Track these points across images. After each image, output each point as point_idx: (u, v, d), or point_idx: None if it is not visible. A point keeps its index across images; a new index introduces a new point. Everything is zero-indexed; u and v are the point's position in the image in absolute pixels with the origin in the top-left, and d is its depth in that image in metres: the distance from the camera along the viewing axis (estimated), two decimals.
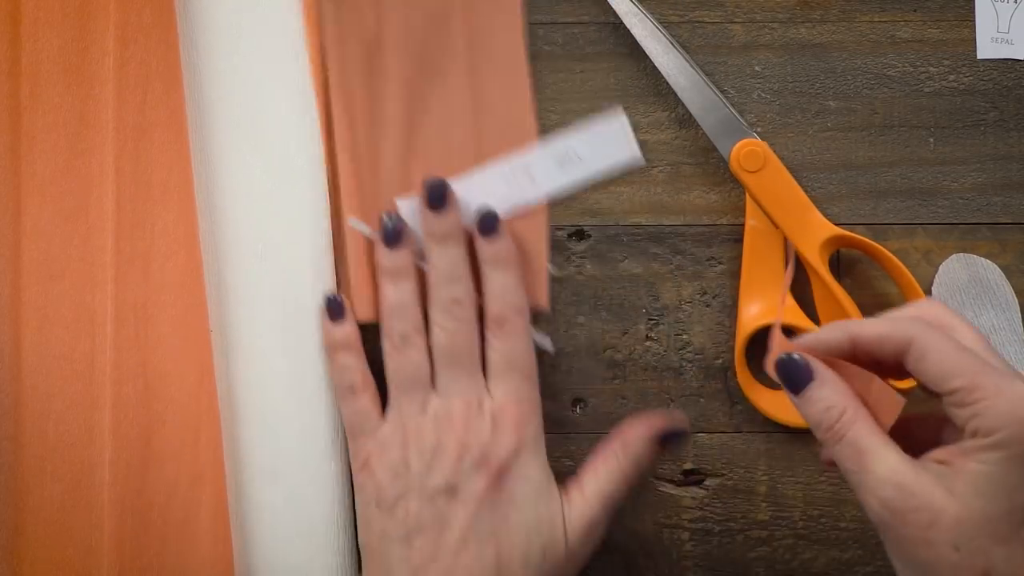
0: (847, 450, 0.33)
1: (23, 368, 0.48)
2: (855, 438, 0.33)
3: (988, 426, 0.31)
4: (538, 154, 0.51)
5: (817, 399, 0.34)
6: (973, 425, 0.31)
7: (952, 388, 0.32)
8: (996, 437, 0.31)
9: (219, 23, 0.51)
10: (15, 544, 0.48)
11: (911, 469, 0.32)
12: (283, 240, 0.51)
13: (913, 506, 0.31)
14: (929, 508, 0.31)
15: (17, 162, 0.49)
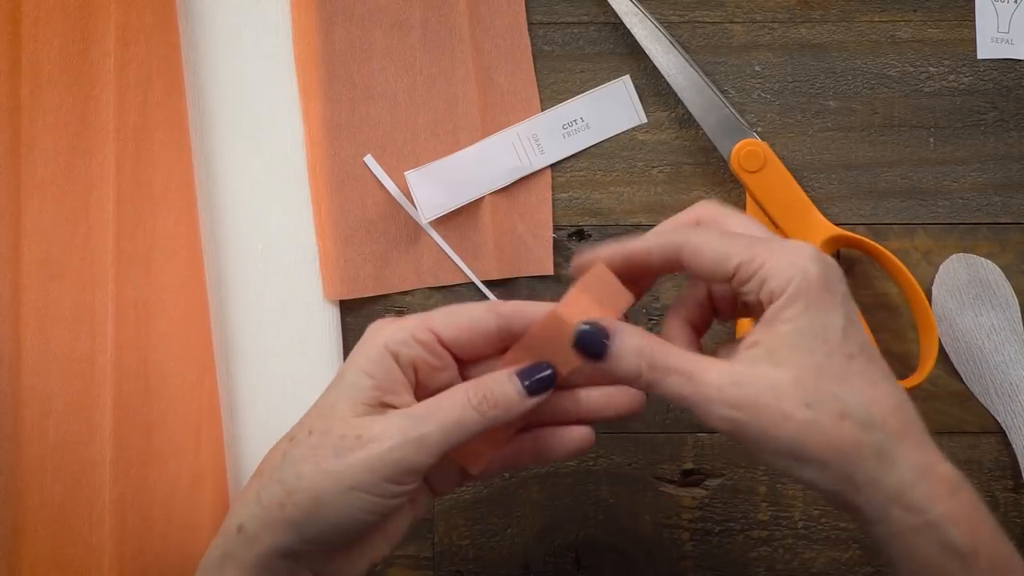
0: (676, 379, 0.33)
1: (23, 368, 0.48)
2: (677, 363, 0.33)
3: (778, 284, 0.32)
4: (544, 123, 0.51)
5: (624, 349, 0.33)
6: (766, 291, 0.32)
7: (733, 267, 0.33)
8: (789, 291, 0.32)
9: (220, 25, 0.51)
10: (15, 544, 0.48)
11: (735, 365, 0.33)
12: (283, 240, 0.51)
13: (755, 391, 0.32)
14: (768, 384, 0.31)
15: (17, 162, 0.49)
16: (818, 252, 0.33)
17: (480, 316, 0.35)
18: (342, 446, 0.33)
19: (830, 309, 0.32)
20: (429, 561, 0.51)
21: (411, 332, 0.35)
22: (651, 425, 0.51)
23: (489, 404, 0.34)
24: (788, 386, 0.31)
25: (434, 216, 0.50)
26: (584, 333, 0.34)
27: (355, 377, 0.34)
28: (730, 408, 0.32)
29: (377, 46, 0.51)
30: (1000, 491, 0.50)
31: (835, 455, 0.31)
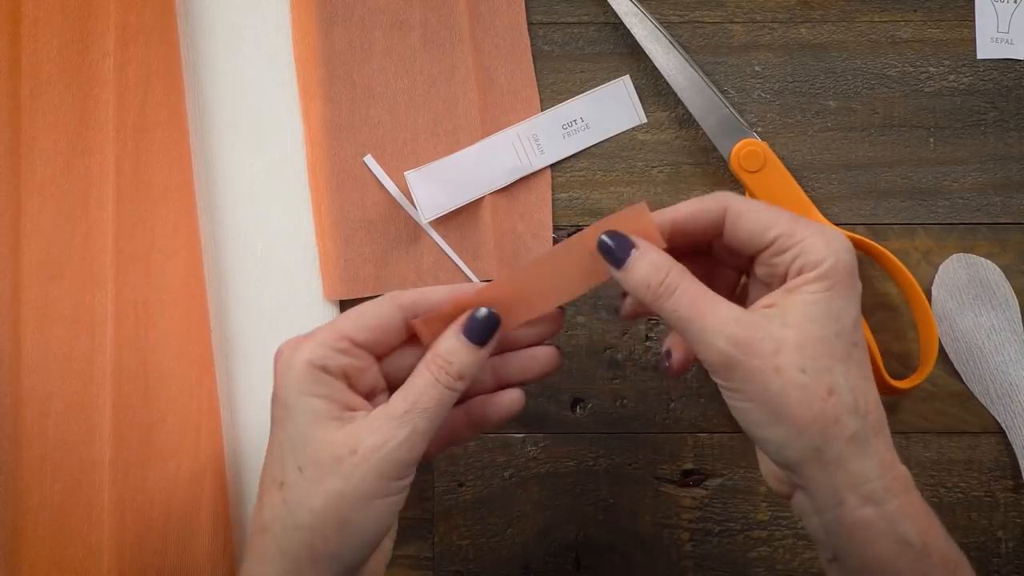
0: (682, 300, 0.33)
1: (23, 368, 0.48)
2: (688, 287, 0.34)
3: (813, 261, 0.33)
4: (544, 123, 0.51)
5: (644, 263, 0.34)
6: (798, 264, 0.33)
7: (772, 237, 0.34)
8: (820, 269, 0.33)
9: (220, 25, 0.51)
10: (15, 544, 0.48)
11: (745, 312, 0.33)
12: (283, 240, 0.51)
13: (758, 336, 0.32)
14: (772, 336, 0.32)
15: (17, 162, 0.49)
16: (850, 243, 0.34)
17: (385, 312, 0.36)
18: (342, 466, 0.33)
19: (850, 298, 0.33)
20: (429, 561, 0.51)
21: (328, 344, 0.35)
22: (651, 425, 0.51)
23: (453, 374, 0.35)
24: (790, 346, 0.32)
25: (434, 216, 0.50)
26: (611, 235, 0.35)
27: (305, 402, 0.34)
28: (727, 342, 0.32)
29: (377, 46, 0.51)
30: (1000, 491, 0.50)
31: (813, 423, 0.32)
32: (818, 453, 0.32)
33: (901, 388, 0.48)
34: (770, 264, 0.34)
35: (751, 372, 0.32)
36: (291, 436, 0.34)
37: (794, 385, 0.32)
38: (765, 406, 0.32)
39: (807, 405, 0.32)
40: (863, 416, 0.33)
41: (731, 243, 0.35)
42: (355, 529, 0.34)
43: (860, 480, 0.32)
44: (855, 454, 0.32)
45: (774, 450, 0.33)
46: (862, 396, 0.33)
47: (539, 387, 0.51)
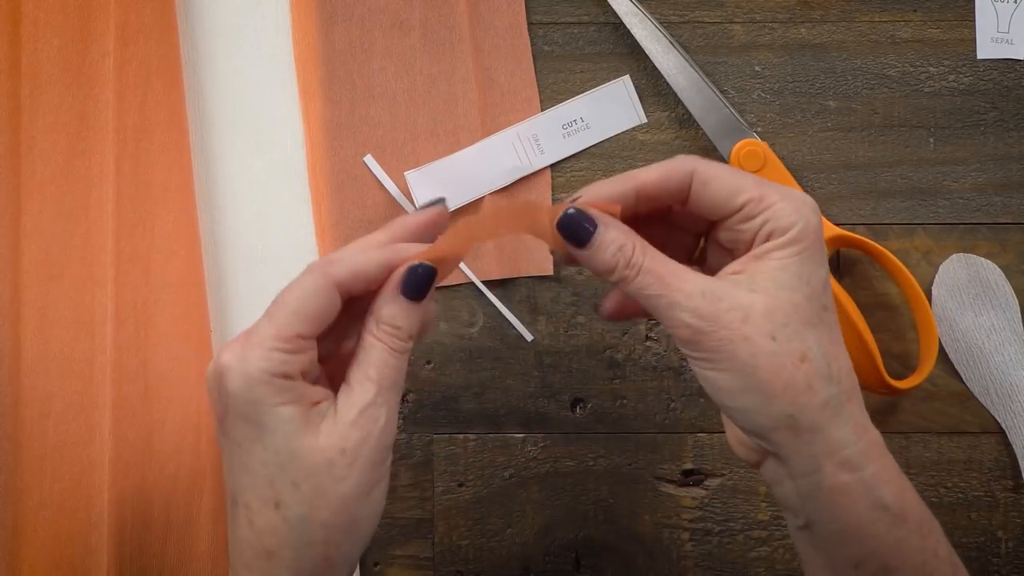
0: (648, 278, 0.33)
1: (23, 368, 0.48)
2: (652, 265, 0.33)
3: (781, 226, 0.33)
4: (544, 123, 0.51)
5: (607, 243, 0.33)
6: (766, 230, 0.33)
7: (741, 203, 0.33)
8: (790, 233, 0.32)
9: (220, 25, 0.51)
10: (15, 544, 0.48)
11: (712, 280, 0.33)
12: (283, 240, 0.51)
13: (724, 307, 0.32)
14: (740, 306, 0.32)
15: (17, 162, 0.49)
16: (816, 205, 0.34)
17: (325, 297, 0.33)
18: (337, 469, 0.33)
19: (819, 261, 0.33)
20: (429, 561, 0.51)
21: (281, 347, 0.33)
22: (651, 425, 0.51)
23: (403, 337, 0.34)
24: (759, 313, 0.32)
25: None
26: (571, 217, 0.34)
27: (277, 415, 0.32)
28: (693, 316, 0.32)
29: (377, 46, 0.51)
30: (1000, 491, 0.50)
31: (784, 391, 0.32)
32: (791, 420, 0.32)
33: (901, 388, 0.48)
34: (737, 230, 0.34)
35: (719, 342, 0.32)
36: (274, 452, 0.33)
37: (764, 353, 0.32)
38: (736, 375, 0.32)
39: (777, 373, 0.32)
40: (836, 382, 0.32)
41: (697, 208, 0.35)
42: (362, 524, 0.34)
43: (837, 446, 0.32)
44: (830, 420, 0.32)
45: (744, 419, 0.33)
46: (835, 361, 0.32)
47: (539, 387, 0.51)
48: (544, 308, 0.51)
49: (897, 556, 0.32)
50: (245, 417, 0.33)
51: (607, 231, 0.34)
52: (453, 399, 0.51)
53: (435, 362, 0.51)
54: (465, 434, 0.51)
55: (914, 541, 0.32)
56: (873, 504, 0.32)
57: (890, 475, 0.32)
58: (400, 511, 0.51)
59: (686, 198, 0.34)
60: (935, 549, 0.33)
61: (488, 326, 0.51)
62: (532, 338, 0.51)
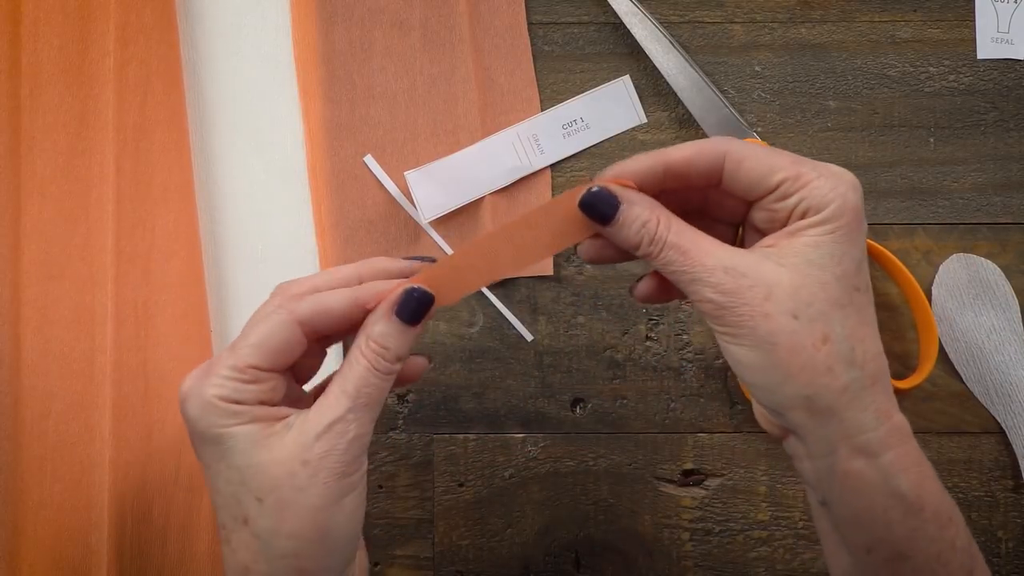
0: (672, 254, 0.33)
1: (23, 368, 0.48)
2: (677, 239, 0.33)
3: (817, 204, 0.32)
4: (544, 123, 0.51)
5: (632, 219, 0.33)
6: (802, 207, 0.32)
7: (777, 181, 0.32)
8: (826, 212, 0.32)
9: (220, 25, 0.51)
10: (15, 544, 0.48)
11: (738, 253, 0.33)
12: (283, 240, 0.51)
13: (747, 284, 0.31)
14: (763, 282, 0.31)
15: (17, 162, 0.49)
16: (857, 182, 0.33)
17: (286, 333, 0.34)
18: (298, 479, 0.32)
19: (855, 241, 0.32)
20: (429, 561, 0.51)
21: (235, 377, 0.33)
22: (651, 425, 0.51)
23: (391, 358, 0.34)
24: (783, 291, 0.31)
25: (434, 216, 0.50)
26: (595, 194, 0.34)
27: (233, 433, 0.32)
28: (716, 291, 0.32)
29: (377, 46, 0.51)
30: (1000, 491, 0.50)
31: (802, 372, 0.31)
32: (808, 402, 0.31)
33: (901, 388, 0.48)
34: (772, 209, 0.33)
35: (740, 318, 0.32)
36: (236, 469, 0.33)
37: (784, 332, 0.31)
38: (755, 351, 0.32)
39: (796, 353, 0.31)
40: (860, 366, 0.32)
41: (731, 189, 0.34)
42: (336, 534, 0.33)
43: (854, 431, 0.32)
44: (848, 404, 0.31)
45: (763, 395, 0.33)
46: (859, 344, 0.32)
47: (539, 387, 0.51)
48: (544, 308, 0.51)
49: (911, 545, 0.32)
50: (205, 439, 0.33)
51: (631, 208, 0.33)
52: (453, 399, 0.51)
53: (435, 362, 0.51)
54: (465, 434, 0.51)
55: (930, 531, 0.32)
56: (889, 492, 0.31)
57: (909, 463, 0.32)
58: (400, 511, 0.51)
59: (719, 180, 0.34)
60: (952, 540, 0.32)
61: (488, 326, 0.51)
62: (532, 338, 0.51)
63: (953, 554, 0.32)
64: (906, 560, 0.32)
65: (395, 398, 0.51)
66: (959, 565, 0.32)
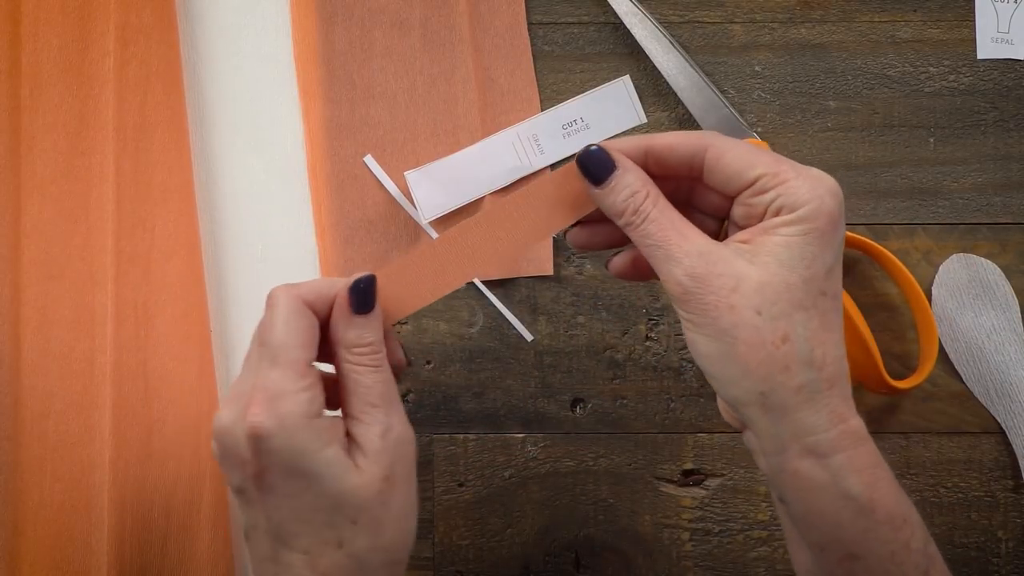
0: (652, 227, 0.33)
1: (23, 368, 0.48)
2: (659, 216, 0.33)
3: (792, 203, 0.32)
4: (544, 123, 0.51)
5: (622, 186, 0.34)
6: (777, 204, 0.32)
7: (755, 176, 0.33)
8: (800, 212, 0.32)
9: (220, 25, 0.51)
10: (15, 544, 0.48)
11: (714, 243, 0.33)
12: (283, 240, 0.51)
13: (717, 272, 0.32)
14: (732, 274, 0.32)
15: (17, 162, 0.49)
16: (839, 188, 0.33)
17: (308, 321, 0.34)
18: (385, 496, 0.34)
19: (827, 245, 0.32)
20: (429, 561, 0.51)
21: (303, 387, 0.34)
22: (651, 425, 0.51)
23: (378, 351, 0.35)
24: (750, 286, 0.32)
25: (434, 216, 0.50)
26: (594, 153, 0.34)
27: (322, 460, 0.33)
28: (686, 274, 0.32)
29: (377, 46, 0.51)
30: (1000, 491, 0.50)
31: (759, 367, 0.32)
32: (763, 398, 0.32)
33: (901, 388, 0.48)
34: (749, 204, 0.33)
35: (705, 306, 0.32)
36: (327, 496, 0.33)
37: (746, 325, 0.31)
38: (716, 342, 0.32)
39: (756, 348, 0.31)
40: (818, 368, 0.32)
41: (711, 182, 0.34)
42: (414, 531, 0.36)
43: (805, 431, 0.32)
44: (802, 405, 0.32)
45: (721, 387, 0.33)
46: (819, 347, 0.32)
47: (539, 387, 0.51)
48: (544, 308, 0.51)
49: (863, 545, 0.32)
50: (291, 470, 0.33)
51: (625, 175, 0.34)
52: (453, 399, 0.51)
53: (435, 362, 0.51)
54: (465, 434, 0.51)
55: (882, 532, 0.32)
56: (839, 493, 0.32)
57: (862, 465, 0.32)
58: None
59: (700, 171, 0.34)
60: (907, 541, 0.32)
61: (488, 326, 0.51)
62: (532, 338, 0.51)
63: (907, 555, 0.32)
64: (857, 560, 0.32)
65: None
66: (914, 565, 0.32)
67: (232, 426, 0.34)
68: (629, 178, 0.34)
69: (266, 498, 0.34)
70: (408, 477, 0.35)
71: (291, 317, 0.34)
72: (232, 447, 0.34)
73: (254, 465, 0.33)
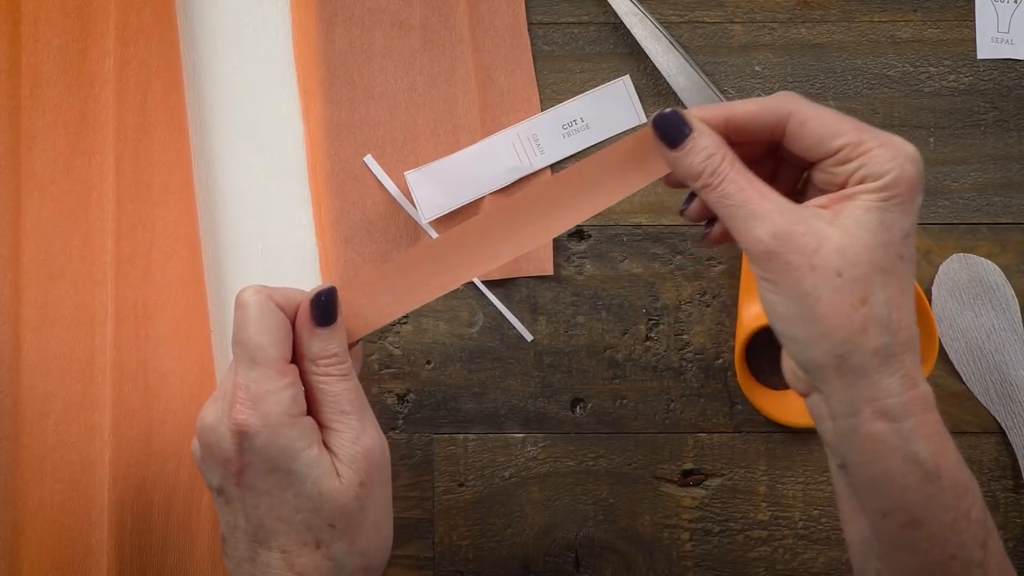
0: (731, 187, 0.33)
1: (23, 368, 0.48)
2: (737, 176, 0.34)
3: (876, 171, 0.32)
4: (544, 123, 0.51)
5: (699, 148, 0.34)
6: (861, 174, 0.33)
7: (838, 146, 0.33)
8: (884, 180, 0.32)
9: (220, 25, 0.51)
10: (15, 544, 0.48)
11: (793, 205, 0.33)
12: (283, 240, 0.51)
13: (800, 231, 0.32)
14: (814, 234, 0.32)
15: (17, 162, 0.49)
16: (918, 154, 0.33)
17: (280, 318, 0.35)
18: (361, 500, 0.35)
19: (907, 211, 0.33)
20: (429, 561, 0.51)
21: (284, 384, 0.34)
22: (651, 425, 0.51)
23: (344, 360, 0.36)
24: (831, 247, 0.32)
25: (434, 216, 0.50)
26: (668, 116, 0.34)
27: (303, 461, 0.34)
28: (768, 232, 0.32)
29: (377, 46, 0.51)
30: (1000, 491, 0.50)
31: (839, 328, 0.32)
32: (840, 360, 0.32)
33: None
34: (831, 172, 0.34)
35: (787, 266, 0.32)
36: (307, 498, 0.34)
37: (828, 287, 0.32)
38: (796, 303, 0.32)
39: (837, 309, 0.32)
40: (893, 332, 0.32)
41: (792, 148, 0.34)
42: (390, 536, 0.36)
43: (879, 394, 0.32)
44: (877, 367, 0.32)
45: (797, 349, 0.33)
46: (896, 311, 0.32)
47: (539, 387, 0.51)
48: (544, 308, 0.51)
49: (926, 511, 0.32)
50: (274, 468, 0.34)
51: (701, 137, 0.34)
52: (453, 399, 0.51)
53: (435, 362, 0.51)
54: (465, 434, 0.51)
55: (946, 499, 0.32)
56: (907, 457, 0.32)
57: (930, 431, 0.32)
58: (400, 511, 0.51)
59: (781, 137, 0.34)
60: (968, 510, 0.32)
61: (488, 326, 0.51)
62: (532, 338, 0.51)
63: (967, 524, 0.32)
64: (920, 527, 0.32)
65: (395, 398, 0.51)
66: (972, 535, 0.32)
67: (216, 424, 0.34)
68: (705, 140, 0.34)
69: (246, 496, 0.34)
70: (383, 483, 0.36)
71: (263, 317, 0.35)
72: (215, 445, 0.34)
73: (237, 463, 0.34)
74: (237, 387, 0.34)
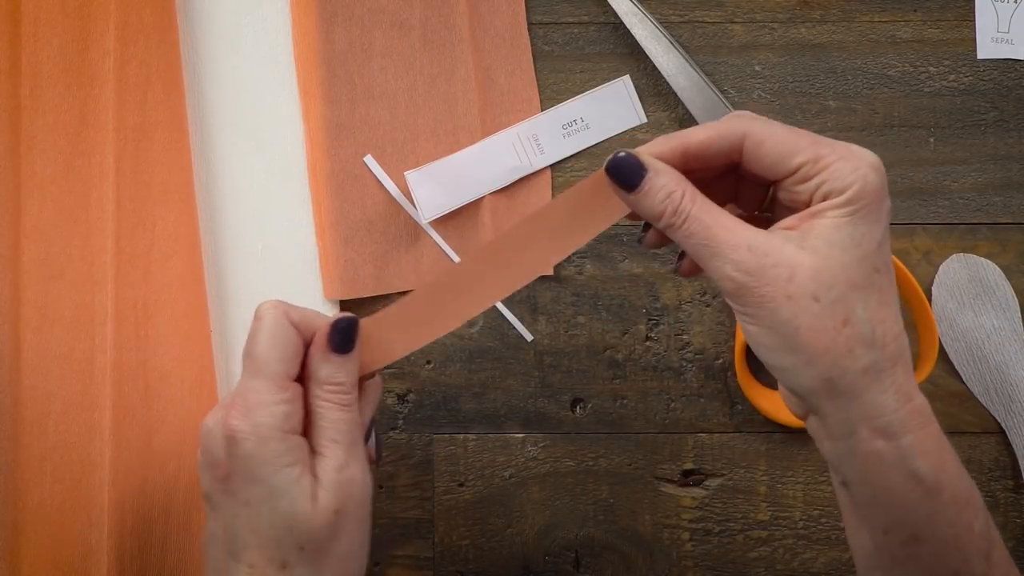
0: (695, 226, 0.33)
1: (23, 368, 0.48)
2: (700, 214, 0.33)
3: (839, 186, 0.32)
4: (544, 123, 0.51)
5: (657, 188, 0.33)
6: (824, 190, 0.32)
7: (797, 164, 0.32)
8: (848, 193, 0.32)
9: (220, 25, 0.51)
10: (15, 544, 0.48)
11: (760, 233, 0.33)
12: (283, 240, 0.51)
13: (771, 263, 0.31)
14: (786, 263, 0.31)
15: (17, 162, 0.49)
16: (879, 161, 0.32)
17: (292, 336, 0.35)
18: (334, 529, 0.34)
19: (876, 221, 0.32)
20: (429, 561, 0.51)
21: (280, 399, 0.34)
22: (651, 425, 0.51)
23: (349, 391, 0.35)
24: (805, 273, 0.31)
25: (434, 216, 0.50)
26: (622, 160, 0.34)
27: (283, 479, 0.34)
28: (738, 269, 0.32)
29: (377, 46, 0.51)
30: (1000, 491, 0.50)
31: (824, 353, 0.31)
32: (830, 384, 0.32)
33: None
34: (794, 191, 0.33)
35: (762, 298, 0.31)
36: (281, 516, 0.34)
37: (806, 314, 0.31)
38: (776, 333, 0.32)
39: (819, 335, 0.31)
40: (880, 347, 0.32)
41: (751, 169, 0.34)
42: (359, 568, 0.36)
43: (874, 412, 0.32)
44: (869, 386, 0.31)
45: (784, 377, 0.33)
46: (880, 325, 0.32)
47: (539, 387, 0.51)
48: (544, 308, 0.51)
49: (928, 527, 0.32)
50: (255, 478, 0.34)
51: (657, 177, 0.33)
52: (453, 399, 0.51)
53: (435, 362, 0.51)
54: (465, 434, 0.51)
55: (948, 514, 0.32)
56: (907, 474, 0.32)
57: (929, 446, 0.32)
58: (400, 511, 0.51)
59: (739, 159, 0.34)
60: (970, 523, 0.32)
61: (488, 326, 0.51)
62: (532, 338, 0.51)
63: (971, 537, 0.32)
64: (923, 543, 0.32)
65: (395, 398, 0.51)
66: (975, 548, 0.32)
67: (213, 428, 0.34)
68: (663, 179, 0.33)
69: (228, 504, 0.34)
70: (360, 519, 0.35)
71: (276, 332, 0.35)
72: (211, 449, 0.34)
73: (224, 467, 0.34)
74: (236, 395, 0.34)
